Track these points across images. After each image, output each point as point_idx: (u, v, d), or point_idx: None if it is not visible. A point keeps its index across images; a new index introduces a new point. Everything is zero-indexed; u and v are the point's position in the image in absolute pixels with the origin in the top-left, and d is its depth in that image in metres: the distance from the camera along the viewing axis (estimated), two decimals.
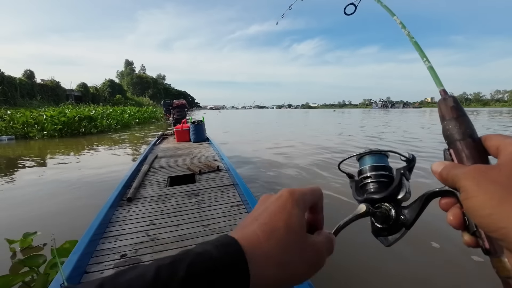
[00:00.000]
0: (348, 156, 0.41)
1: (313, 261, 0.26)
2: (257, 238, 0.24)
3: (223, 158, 4.32)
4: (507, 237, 0.20)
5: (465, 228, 0.26)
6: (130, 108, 28.77)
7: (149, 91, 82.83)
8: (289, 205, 0.26)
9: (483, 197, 0.21)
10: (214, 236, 1.86)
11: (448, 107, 0.30)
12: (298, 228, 0.26)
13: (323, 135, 12.43)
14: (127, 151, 8.65)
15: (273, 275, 0.23)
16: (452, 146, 0.28)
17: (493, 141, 0.26)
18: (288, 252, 0.24)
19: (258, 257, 0.23)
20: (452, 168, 0.26)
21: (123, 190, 2.78)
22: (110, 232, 1.95)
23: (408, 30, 0.45)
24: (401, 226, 0.31)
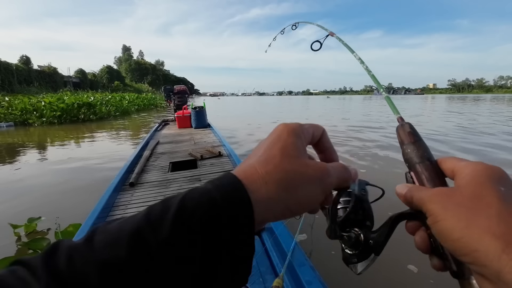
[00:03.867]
0: None
1: (318, 180, 0.25)
2: (254, 168, 0.23)
3: (224, 144, 4.31)
4: (477, 260, 0.19)
5: (432, 251, 0.26)
6: (129, 94, 28.51)
7: (148, 77, 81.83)
8: (284, 134, 0.26)
9: (451, 221, 0.21)
10: None
11: (405, 133, 0.32)
12: (295, 152, 0.25)
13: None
14: (128, 137, 8.63)
15: (277, 197, 0.22)
16: (412, 169, 0.29)
17: (447, 163, 0.27)
18: (288, 174, 0.23)
19: (257, 183, 0.22)
20: (416, 191, 0.26)
21: (125, 175, 2.78)
22: (113, 216, 1.96)
23: (366, 65, 0.51)
24: (370, 252, 0.29)
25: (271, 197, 0.22)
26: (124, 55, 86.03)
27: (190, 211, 0.19)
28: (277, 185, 0.23)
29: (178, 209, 0.19)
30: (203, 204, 0.20)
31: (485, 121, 11.14)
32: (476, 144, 6.40)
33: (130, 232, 0.18)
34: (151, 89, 60.86)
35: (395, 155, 5.22)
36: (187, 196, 0.20)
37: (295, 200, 0.23)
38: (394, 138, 0.28)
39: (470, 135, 7.71)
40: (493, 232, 0.19)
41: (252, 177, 0.22)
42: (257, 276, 1.26)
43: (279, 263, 1.35)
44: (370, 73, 0.51)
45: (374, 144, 6.46)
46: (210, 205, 0.20)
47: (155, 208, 0.20)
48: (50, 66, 36.79)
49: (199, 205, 0.20)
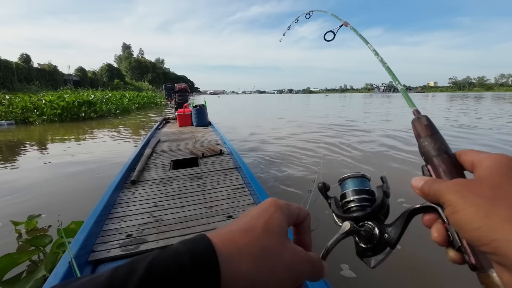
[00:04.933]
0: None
1: (293, 267, 0.24)
2: (232, 236, 0.23)
3: (225, 142, 4.31)
4: (499, 249, 0.19)
5: (449, 244, 0.26)
6: (130, 92, 28.48)
7: (148, 75, 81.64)
8: (272, 208, 0.26)
9: (470, 210, 0.21)
10: (218, 217, 1.87)
11: (422, 126, 0.32)
12: (278, 229, 0.24)
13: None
14: (129, 135, 8.63)
15: (247, 274, 0.21)
16: (429, 162, 0.29)
17: (467, 156, 0.26)
18: (265, 251, 0.23)
19: (231, 253, 0.22)
20: (433, 183, 0.26)
21: (127, 173, 2.78)
22: (115, 213, 1.97)
23: (381, 57, 0.50)
24: (385, 245, 0.30)
25: (242, 271, 0.21)
26: (124, 53, 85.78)
27: (156, 276, 0.18)
28: (250, 260, 0.22)
29: (144, 274, 0.18)
30: (171, 270, 0.19)
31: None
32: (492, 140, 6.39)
33: None
34: (151, 87, 60.73)
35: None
36: (156, 259, 0.20)
37: (262, 280, 0.22)
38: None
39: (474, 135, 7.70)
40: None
41: (228, 246, 0.22)
42: None
43: None
44: (385, 64, 0.50)
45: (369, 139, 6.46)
46: (178, 271, 0.19)
47: (121, 271, 0.19)
48: (50, 64, 36.68)
49: (166, 271, 0.19)
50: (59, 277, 1.15)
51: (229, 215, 1.89)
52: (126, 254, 1.46)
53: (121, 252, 1.47)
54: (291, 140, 7.03)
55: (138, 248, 1.50)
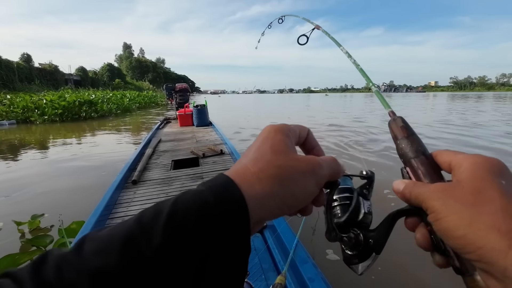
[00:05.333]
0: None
1: (311, 171, 0.25)
2: (245, 167, 0.23)
3: (226, 142, 4.31)
4: (484, 257, 0.19)
5: (433, 248, 0.25)
6: (130, 92, 28.52)
7: (149, 75, 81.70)
8: (272, 133, 0.26)
9: (453, 217, 0.21)
10: None
11: (398, 127, 0.31)
12: (285, 148, 0.25)
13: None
14: (129, 135, 8.64)
15: (271, 192, 0.22)
16: (407, 164, 0.29)
17: (444, 157, 0.26)
18: (281, 169, 0.23)
19: (250, 181, 0.22)
20: (414, 187, 0.25)
21: (128, 173, 2.79)
22: (116, 213, 1.97)
23: (354, 59, 0.50)
24: (371, 251, 0.29)
25: (266, 193, 0.22)
26: (125, 53, 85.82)
27: (182, 213, 0.19)
28: (271, 180, 0.22)
29: (170, 212, 0.19)
30: (195, 205, 0.19)
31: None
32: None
33: (122, 238, 0.17)
34: (151, 87, 60.80)
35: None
36: (179, 198, 0.20)
37: (290, 193, 0.23)
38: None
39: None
40: (498, 228, 0.19)
41: (245, 176, 0.22)
42: (260, 273, 1.27)
43: (281, 261, 1.36)
44: (359, 67, 0.49)
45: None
46: (202, 206, 0.19)
47: (147, 213, 0.19)
48: (51, 64, 36.73)
49: (191, 207, 0.19)
50: None
51: None
52: None
53: None
54: None
55: None
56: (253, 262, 1.35)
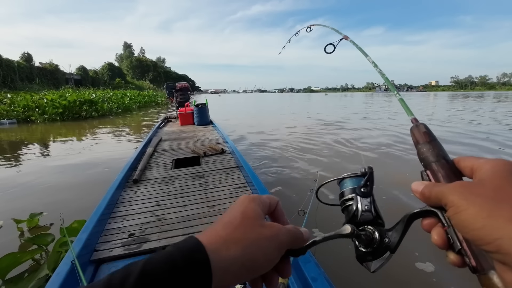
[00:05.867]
0: (327, 181, 0.42)
1: (274, 237, 0.27)
2: (215, 232, 0.26)
3: (227, 141, 4.30)
4: (502, 248, 0.19)
5: (449, 247, 0.26)
6: (131, 92, 28.53)
7: (149, 74, 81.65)
8: (246, 201, 0.29)
9: (473, 210, 0.21)
10: (220, 216, 1.87)
11: (420, 133, 0.33)
12: (254, 214, 0.28)
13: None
14: (130, 134, 8.64)
15: (234, 257, 0.24)
16: (428, 167, 0.30)
17: (466, 162, 0.27)
18: (246, 234, 0.26)
19: (217, 244, 0.24)
20: (434, 186, 0.26)
21: (129, 172, 2.78)
22: (117, 212, 1.96)
23: (380, 69, 0.52)
24: (385, 250, 0.30)
25: (230, 256, 0.24)
26: (125, 52, 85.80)
27: (151, 276, 0.20)
28: (235, 244, 0.25)
29: (139, 275, 0.20)
30: (164, 267, 0.21)
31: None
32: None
33: None
34: (152, 86, 60.80)
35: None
36: (149, 261, 0.21)
37: (251, 257, 0.25)
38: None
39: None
40: None
41: (214, 240, 0.24)
42: None
43: None
44: (384, 76, 0.52)
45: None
46: (171, 267, 0.21)
47: (116, 276, 0.20)
48: (52, 63, 36.73)
49: (160, 269, 0.21)
50: (62, 276, 1.14)
51: None
52: (128, 253, 1.46)
53: (124, 252, 1.46)
54: (291, 139, 7.02)
55: (141, 247, 1.50)
56: None
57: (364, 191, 0.34)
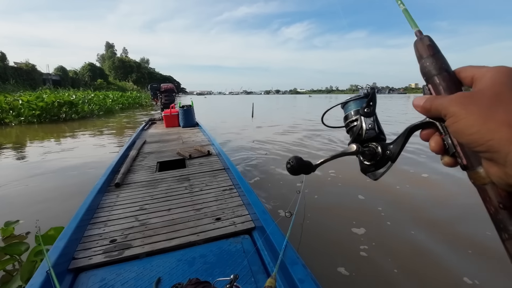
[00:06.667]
0: (331, 107, 0.46)
1: None
2: None
3: (213, 143, 4.25)
4: (492, 147, 0.22)
5: (444, 152, 0.30)
6: (113, 93, 27.71)
7: (133, 75, 79.62)
8: None
9: (471, 118, 0.23)
10: (206, 219, 1.83)
11: (424, 46, 0.32)
12: None
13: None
14: (113, 137, 8.37)
15: None
16: (430, 81, 0.30)
17: (467, 72, 0.28)
18: None
19: None
20: (434, 99, 0.28)
21: (110, 175, 2.68)
22: (98, 218, 1.88)
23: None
24: (387, 160, 0.34)
25: None
26: (107, 52, 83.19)
27: None
28: None
29: None
30: None
31: None
32: None
33: None
34: (136, 87, 59.34)
35: None
36: None
37: None
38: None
39: None
40: (509, 123, 0.21)
41: None
42: (249, 276, 1.25)
43: (271, 262, 1.33)
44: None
45: None
46: None
47: None
48: (28, 63, 34.97)
49: None
50: (36, 287, 1.07)
51: (218, 217, 1.85)
52: (109, 260, 1.39)
53: (104, 259, 1.40)
54: (278, 141, 7.05)
55: (123, 254, 1.44)
56: (242, 264, 1.32)
57: (367, 111, 0.36)
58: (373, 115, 0.37)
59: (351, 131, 0.38)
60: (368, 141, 0.36)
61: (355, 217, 2.75)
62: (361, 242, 2.31)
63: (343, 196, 3.35)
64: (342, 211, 2.95)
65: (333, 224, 2.68)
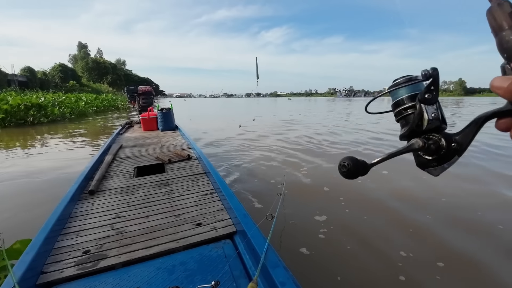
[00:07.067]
0: (375, 96, 0.39)
1: None
2: None
3: (193, 146, 4.19)
4: None
5: None
6: (87, 95, 26.41)
7: (108, 77, 76.47)
8: None
9: None
10: (186, 225, 1.80)
11: (505, 14, 0.25)
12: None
13: None
14: (86, 141, 7.97)
15: None
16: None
17: None
18: None
19: None
20: None
21: (84, 182, 2.55)
22: (70, 228, 1.78)
23: None
24: (453, 154, 0.30)
25: None
26: (80, 53, 79.20)
27: None
28: None
29: None
30: None
31: None
32: None
33: None
34: (111, 89, 57.05)
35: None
36: None
37: None
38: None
39: None
40: None
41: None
42: (231, 281, 1.24)
43: (252, 266, 1.33)
44: None
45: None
46: None
47: None
48: None
49: None
50: None
51: (198, 222, 1.82)
52: (82, 272, 1.32)
53: (77, 271, 1.33)
54: (257, 144, 7.09)
55: (97, 265, 1.37)
56: (224, 270, 1.31)
57: (428, 97, 0.30)
58: (436, 101, 0.30)
59: (404, 120, 0.33)
60: (428, 132, 0.31)
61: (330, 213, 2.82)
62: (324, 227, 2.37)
63: (327, 200, 3.43)
64: (327, 215, 3.02)
65: (313, 224, 2.73)
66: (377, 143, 7.20)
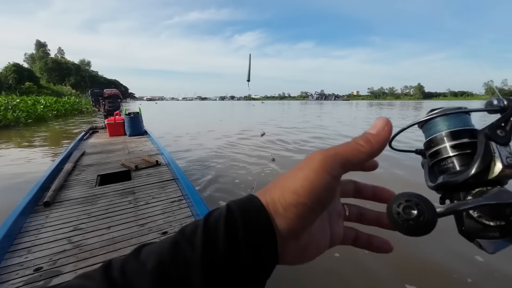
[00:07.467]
0: (404, 128, 0.26)
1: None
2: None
3: (163, 152, 4.07)
4: None
5: None
6: (46, 98, 24.43)
7: (71, 78, 71.72)
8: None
9: None
10: (151, 235, 1.74)
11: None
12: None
13: None
14: (44, 149, 7.36)
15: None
16: None
17: None
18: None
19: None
20: None
21: (38, 193, 2.36)
22: (19, 244, 1.64)
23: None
24: None
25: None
26: (39, 52, 73.27)
27: (214, 226, 0.20)
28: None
29: (204, 226, 0.21)
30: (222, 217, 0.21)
31: None
32: None
33: (171, 243, 0.20)
34: (74, 92, 53.49)
35: None
36: (211, 215, 0.22)
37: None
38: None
39: None
40: None
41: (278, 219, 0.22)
42: None
43: None
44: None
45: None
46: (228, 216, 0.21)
47: (188, 227, 0.21)
48: None
49: (218, 220, 0.21)
50: None
51: (165, 231, 1.77)
52: None
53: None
54: (227, 149, 7.07)
55: (50, 282, 1.28)
56: None
57: (501, 134, 0.21)
58: (509, 143, 0.21)
59: (452, 163, 0.23)
60: (484, 185, 0.21)
61: None
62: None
63: None
64: None
65: None
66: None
